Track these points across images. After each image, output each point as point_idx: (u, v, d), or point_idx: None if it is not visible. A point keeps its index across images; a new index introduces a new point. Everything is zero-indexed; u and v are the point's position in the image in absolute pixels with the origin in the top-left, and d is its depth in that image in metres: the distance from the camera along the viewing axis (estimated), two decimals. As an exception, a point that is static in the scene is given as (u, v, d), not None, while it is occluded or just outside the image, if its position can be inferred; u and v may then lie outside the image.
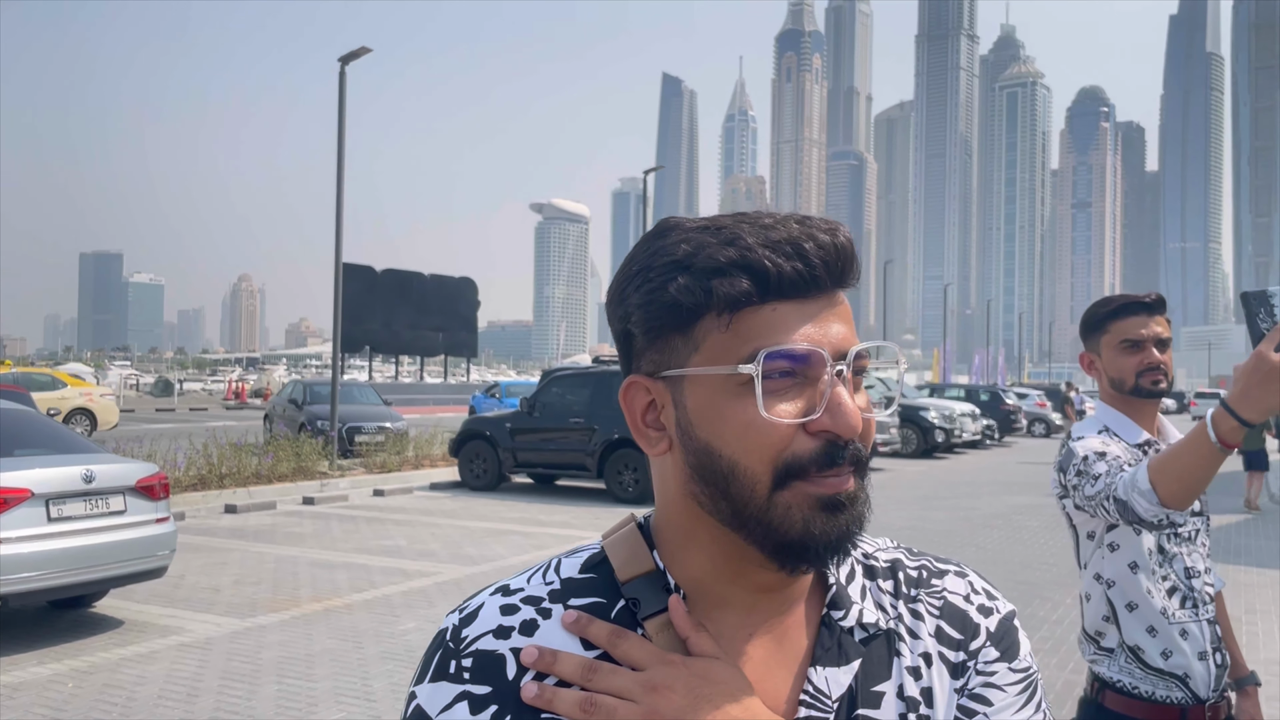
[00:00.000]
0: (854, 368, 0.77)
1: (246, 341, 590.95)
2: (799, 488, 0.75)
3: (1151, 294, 2.29)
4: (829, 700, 0.79)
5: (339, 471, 15.55)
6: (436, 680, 0.79)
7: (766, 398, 0.74)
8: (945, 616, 0.85)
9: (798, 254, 0.75)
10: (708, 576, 0.81)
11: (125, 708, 5.19)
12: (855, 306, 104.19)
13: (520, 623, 0.80)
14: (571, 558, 0.87)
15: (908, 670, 0.82)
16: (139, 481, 6.86)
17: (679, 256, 0.77)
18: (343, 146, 17.20)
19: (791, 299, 0.76)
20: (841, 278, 0.78)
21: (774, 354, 0.74)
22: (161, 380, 59.45)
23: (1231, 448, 1.77)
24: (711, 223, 0.79)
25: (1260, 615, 7.73)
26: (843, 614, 0.82)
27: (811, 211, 4.84)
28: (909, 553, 0.91)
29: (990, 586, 0.90)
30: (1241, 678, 2.35)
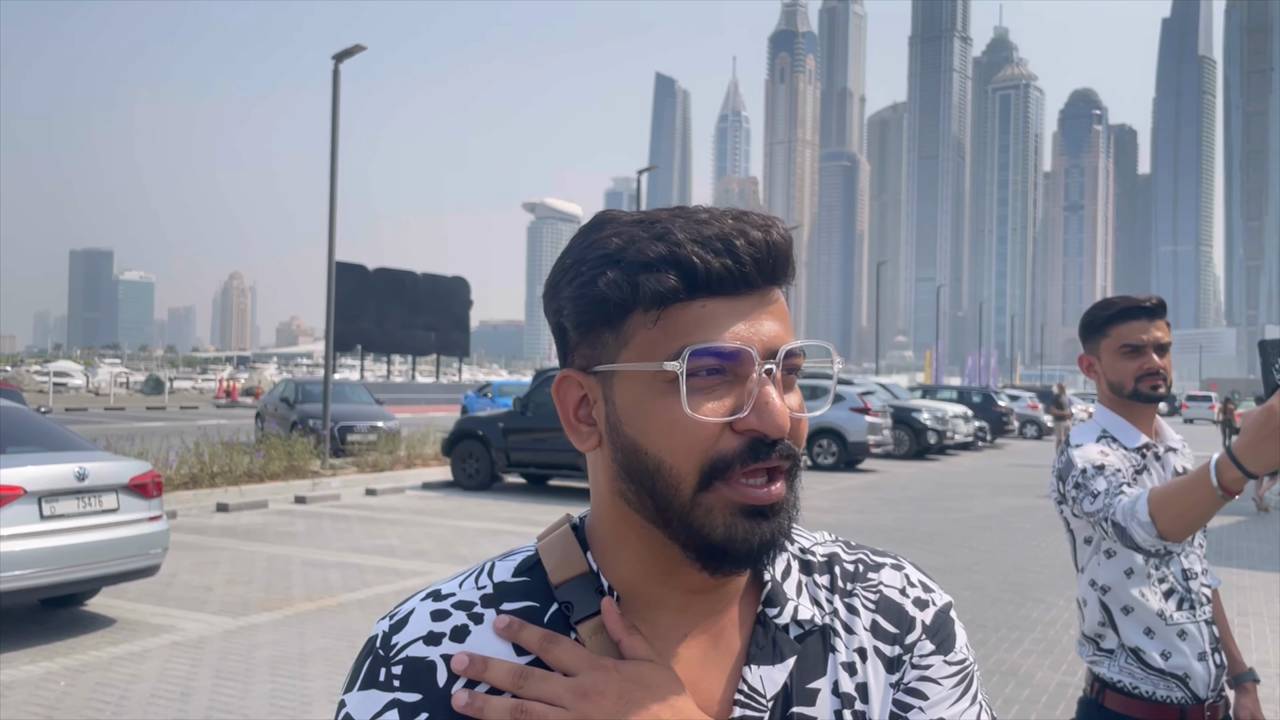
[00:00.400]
0: (786, 366, 0.76)
1: (237, 340, 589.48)
2: (722, 491, 0.74)
3: (1152, 298, 2.29)
4: (764, 699, 0.78)
5: (331, 470, 15.52)
6: (366, 688, 0.78)
7: (693, 396, 0.74)
8: (881, 610, 0.84)
9: (727, 250, 0.74)
10: (639, 577, 0.80)
11: (118, 706, 5.17)
12: (847, 308, 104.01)
13: (451, 628, 0.79)
14: (505, 560, 0.85)
15: (843, 666, 0.81)
16: (132, 480, 6.84)
17: (610, 250, 0.77)
18: (336, 144, 17.16)
19: (722, 296, 0.75)
20: (774, 275, 0.77)
21: (699, 351, 0.73)
22: (152, 378, 59.26)
23: (1233, 495, 1.78)
24: (646, 216, 0.78)
25: (1253, 617, 7.76)
26: (777, 611, 0.82)
27: (804, 213, 4.78)
28: (846, 546, 0.89)
29: (927, 579, 0.88)
30: (1240, 675, 2.35)
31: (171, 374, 69.72)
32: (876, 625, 0.83)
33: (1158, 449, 2.28)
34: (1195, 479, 1.84)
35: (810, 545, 0.88)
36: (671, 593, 0.80)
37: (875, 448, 20.62)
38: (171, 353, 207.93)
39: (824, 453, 20.18)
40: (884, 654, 0.83)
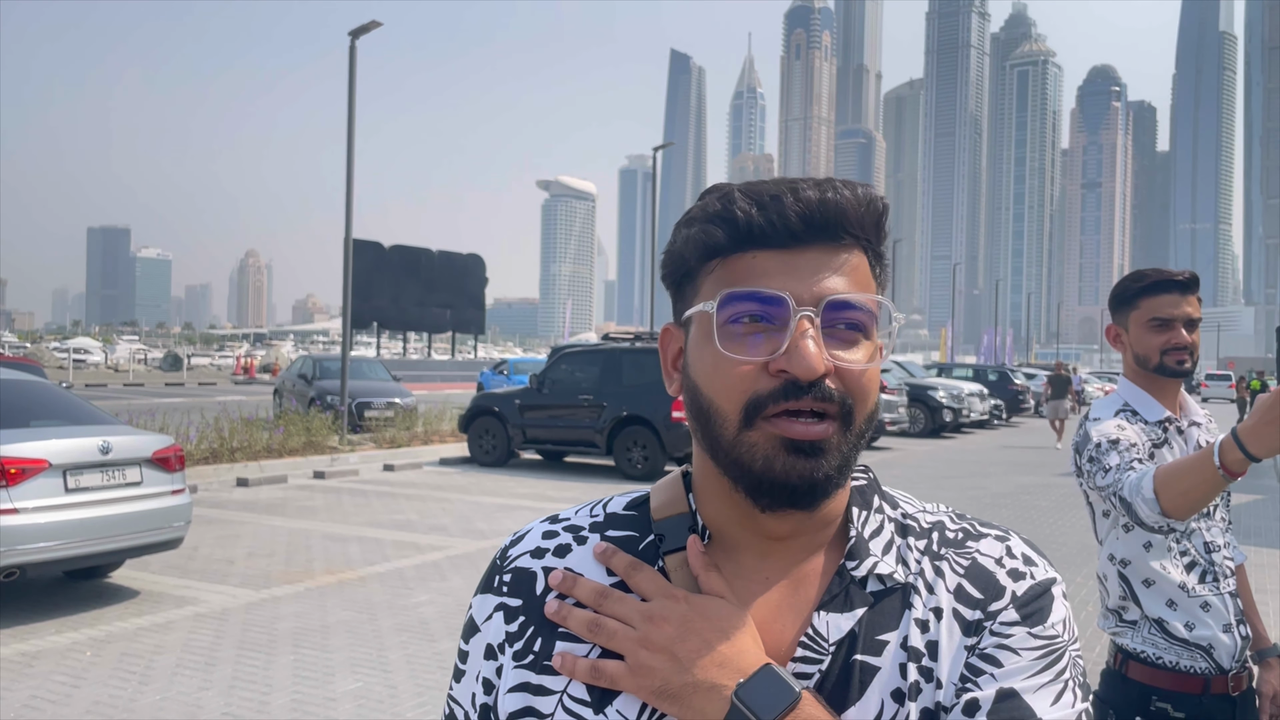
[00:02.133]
0: (846, 321, 0.80)
1: (254, 317, 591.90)
2: (763, 427, 0.79)
3: (1186, 272, 2.27)
4: (826, 644, 0.81)
5: (349, 446, 15.61)
6: (484, 592, 0.90)
7: (734, 340, 0.80)
8: (969, 575, 0.84)
9: (774, 206, 0.79)
10: (725, 520, 0.86)
11: (144, 676, 5.24)
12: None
13: (555, 546, 0.89)
14: (621, 497, 0.94)
15: (916, 622, 0.82)
16: (155, 453, 6.90)
17: (692, 214, 0.85)
18: (352, 122, 17.16)
19: (772, 249, 0.80)
20: (828, 231, 0.80)
21: (735, 295, 0.79)
22: (170, 355, 59.65)
23: (1236, 476, 1.79)
24: (740, 185, 0.84)
25: (1272, 595, 7.74)
26: (856, 564, 0.84)
27: None
28: (956, 517, 0.91)
29: (1035, 554, 0.87)
30: (1264, 650, 2.36)
31: (189, 351, 70.12)
32: (961, 589, 0.84)
33: (1180, 423, 2.28)
34: (1200, 459, 1.85)
35: (915, 512, 0.91)
36: (752, 537, 0.85)
37: (891, 425, 20.63)
38: (189, 330, 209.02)
39: (839, 430, 20.13)
40: (963, 616, 0.82)
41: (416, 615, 6.56)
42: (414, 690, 5.09)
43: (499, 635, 0.87)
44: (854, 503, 0.88)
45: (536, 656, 0.84)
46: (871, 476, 0.92)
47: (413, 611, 6.66)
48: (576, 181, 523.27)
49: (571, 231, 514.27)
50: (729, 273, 0.81)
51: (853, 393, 0.80)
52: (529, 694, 0.83)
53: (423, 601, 6.93)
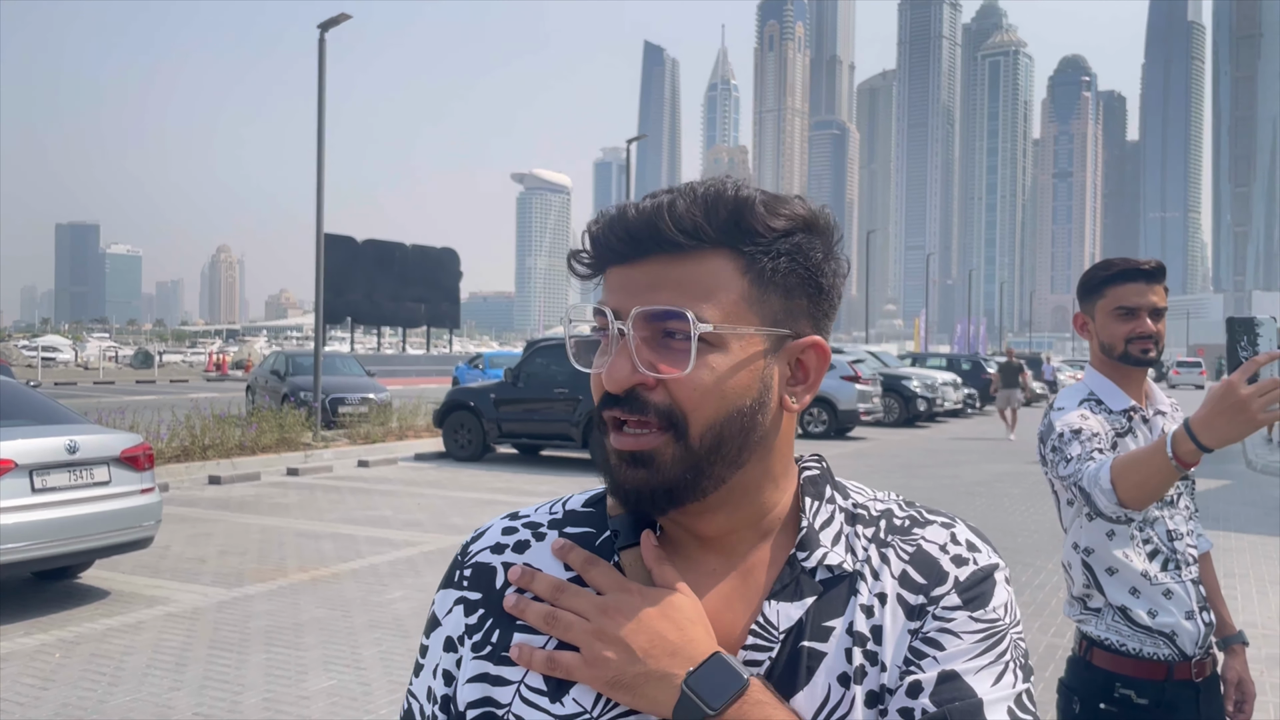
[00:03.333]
0: (671, 331, 0.81)
1: (226, 313, 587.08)
2: (611, 434, 0.84)
3: (1151, 261, 2.28)
4: (776, 632, 0.83)
5: (323, 442, 15.52)
6: (445, 587, 0.93)
7: (593, 353, 0.86)
8: (913, 562, 0.86)
9: (608, 224, 0.83)
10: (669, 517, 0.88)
11: (114, 677, 5.19)
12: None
13: (515, 542, 0.92)
14: (580, 495, 0.97)
15: (862, 608, 0.84)
16: (123, 452, 6.83)
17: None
18: (323, 115, 17.02)
19: (621, 264, 0.83)
20: (656, 243, 0.81)
21: (575, 308, 0.89)
22: (141, 352, 59.01)
23: (1189, 467, 1.81)
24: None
25: (1240, 579, 7.84)
26: (806, 555, 0.86)
27: (794, 182, 4.78)
28: (904, 505, 0.92)
29: (979, 540, 0.89)
30: (1228, 637, 2.38)
31: (160, 348, 69.42)
32: (905, 575, 0.86)
33: (1145, 412, 2.29)
34: (1153, 450, 1.87)
35: (865, 501, 0.92)
36: (687, 530, 0.88)
37: (865, 415, 20.69)
38: (160, 326, 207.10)
39: (814, 420, 20.24)
40: (906, 600, 0.84)
41: (390, 612, 6.53)
42: (388, 687, 5.07)
43: (459, 628, 0.89)
44: (806, 493, 0.90)
45: (494, 648, 0.86)
46: (824, 466, 0.94)
47: (387, 608, 6.62)
48: (551, 174, 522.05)
49: (547, 224, 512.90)
50: (604, 287, 0.86)
51: (680, 403, 0.80)
52: (487, 684, 0.85)
53: (397, 598, 6.90)
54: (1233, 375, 1.67)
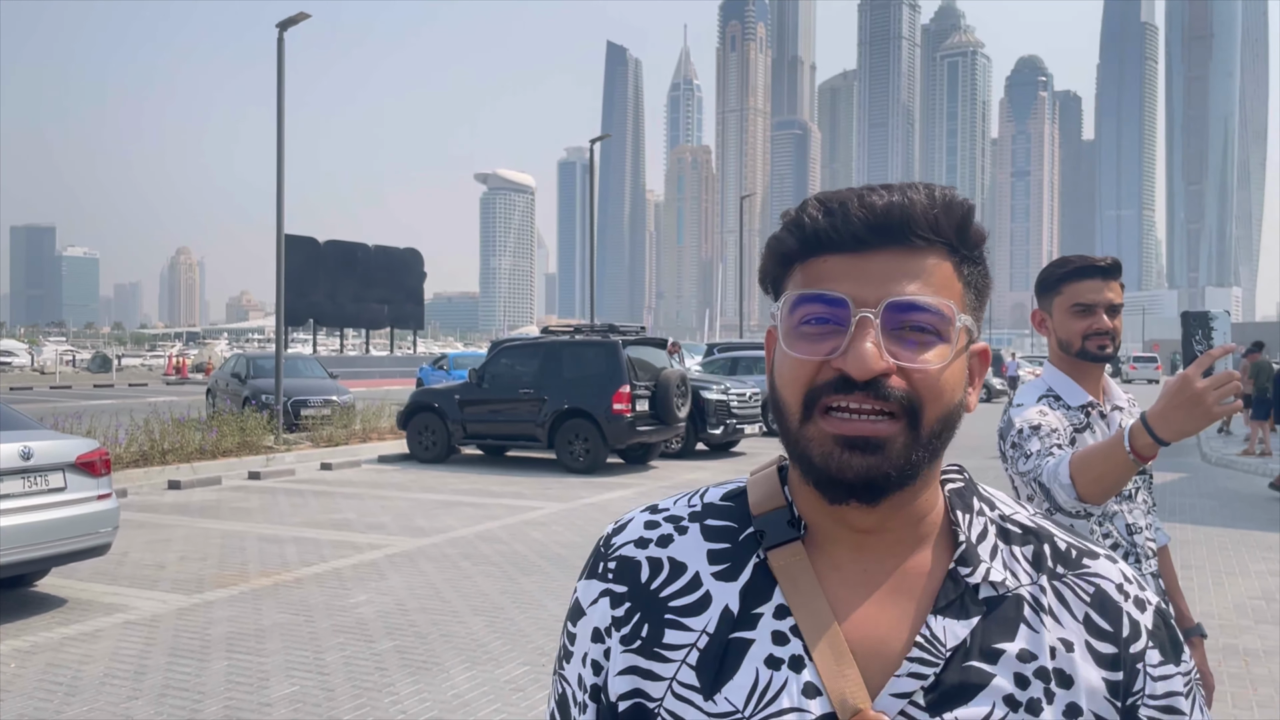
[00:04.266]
0: (913, 324, 0.82)
1: (186, 316, 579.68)
2: (819, 422, 0.82)
3: (1108, 258, 2.30)
4: (943, 648, 0.82)
5: (285, 446, 15.36)
6: (589, 578, 0.94)
7: (800, 339, 0.84)
8: (1095, 605, 0.87)
9: (840, 212, 0.83)
10: (814, 511, 0.88)
11: (71, 687, 5.10)
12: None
13: (658, 536, 0.93)
14: (718, 488, 0.97)
15: (1048, 645, 0.84)
16: (79, 458, 6.71)
17: (783, 220, 0.89)
18: (282, 115, 16.85)
19: (844, 253, 0.83)
20: (895, 236, 0.82)
21: (802, 298, 0.84)
22: (99, 356, 58.10)
23: (1146, 460, 1.83)
24: (821, 193, 0.88)
25: (1196, 570, 7.97)
26: (970, 571, 0.85)
27: (757, 181, 4.83)
28: (1059, 526, 0.93)
29: (1139, 576, 0.91)
30: (1187, 629, 2.41)
31: (119, 351, 68.43)
32: (1089, 619, 0.86)
33: (1103, 408, 2.31)
34: (1111, 445, 1.88)
35: (1012, 514, 0.93)
36: (841, 529, 0.87)
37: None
38: (119, 330, 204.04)
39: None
40: (1096, 649, 0.85)
41: (354, 616, 6.47)
42: (352, 693, 5.02)
43: (605, 619, 0.90)
44: (954, 505, 0.90)
45: (644, 642, 0.87)
46: (968, 477, 0.95)
47: (350, 612, 6.56)
48: (515, 174, 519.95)
49: (511, 225, 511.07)
50: (803, 277, 0.85)
51: (920, 394, 0.82)
52: (638, 677, 0.87)
53: (361, 602, 6.83)
54: (1188, 369, 1.68)
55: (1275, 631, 6.29)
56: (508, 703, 4.90)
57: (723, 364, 21.32)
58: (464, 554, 8.42)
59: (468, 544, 8.87)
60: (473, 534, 9.36)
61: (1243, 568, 8.14)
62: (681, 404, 14.44)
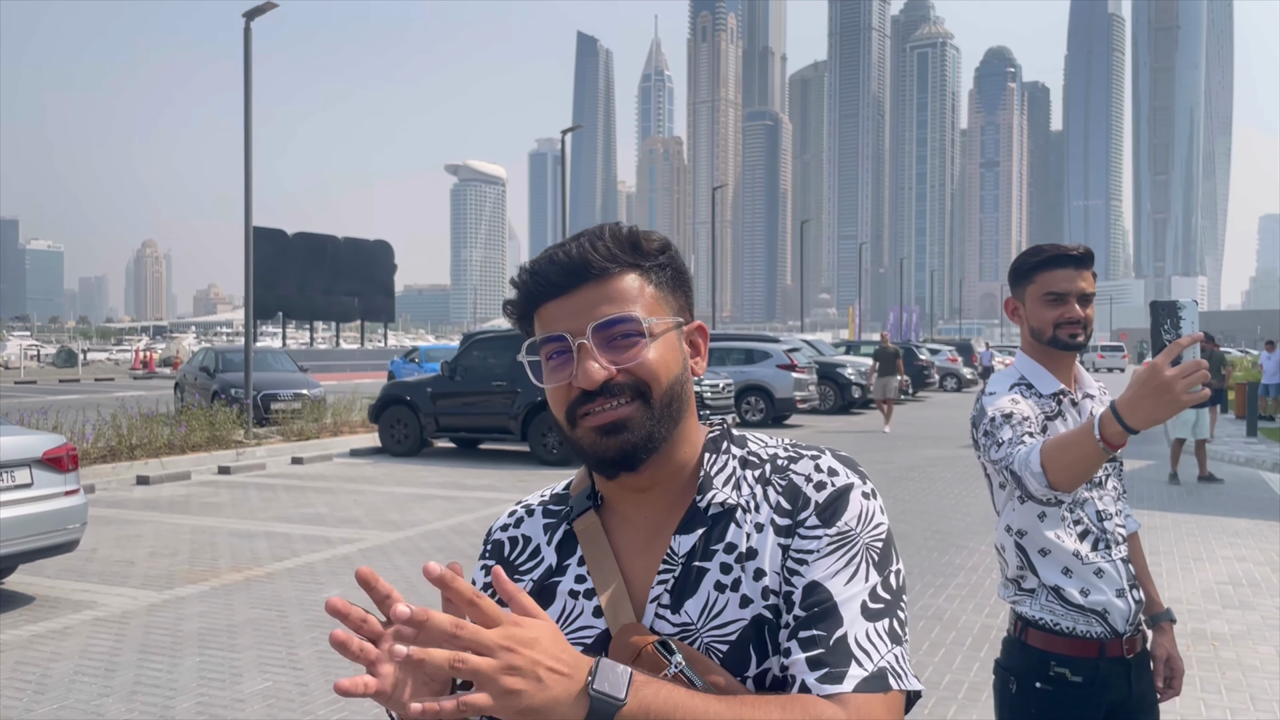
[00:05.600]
0: (618, 333, 1.06)
1: (153, 309, 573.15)
2: (582, 423, 1.07)
3: (1080, 247, 2.31)
4: (678, 556, 1.09)
5: (255, 440, 15.23)
6: (481, 559, 1.23)
7: (550, 373, 1.09)
8: (785, 493, 1.10)
9: (542, 271, 1.08)
10: (607, 485, 1.15)
11: (40, 685, 5.04)
12: (772, 266, 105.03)
13: (515, 519, 1.23)
14: (566, 482, 1.24)
15: (745, 534, 1.08)
16: (45, 453, 6.63)
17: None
18: (249, 105, 16.67)
19: (554, 299, 1.08)
20: (584, 274, 1.07)
21: (538, 342, 1.09)
22: (64, 350, 57.29)
23: (1115, 448, 1.85)
24: (536, 257, 1.11)
25: (1164, 556, 8.07)
26: (702, 497, 1.11)
27: (729, 172, 4.93)
28: (789, 447, 1.15)
29: (842, 466, 1.11)
30: (1157, 614, 2.44)
31: (85, 346, 67.57)
32: (779, 504, 1.09)
33: (1074, 396, 2.33)
34: (1081, 433, 1.90)
35: (757, 448, 1.16)
36: (625, 492, 1.14)
37: (802, 403, 20.89)
38: (84, 324, 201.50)
39: (752, 409, 20.40)
40: (777, 524, 1.08)
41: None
42: (325, 687, 5.00)
43: (481, 587, 1.17)
44: (706, 449, 1.15)
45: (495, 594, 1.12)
46: (724, 427, 1.19)
47: (323, 607, 6.51)
48: (485, 165, 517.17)
49: (482, 216, 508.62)
50: (538, 322, 1.10)
51: (644, 379, 1.06)
52: None
53: (334, 596, 6.78)
54: (1157, 358, 1.70)
55: (1242, 616, 6.39)
56: (483, 695, 4.88)
57: (695, 355, 21.30)
58: (437, 547, 8.39)
59: (441, 537, 8.84)
60: (446, 527, 9.32)
61: (1210, 553, 8.26)
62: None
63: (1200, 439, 12.34)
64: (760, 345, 21.70)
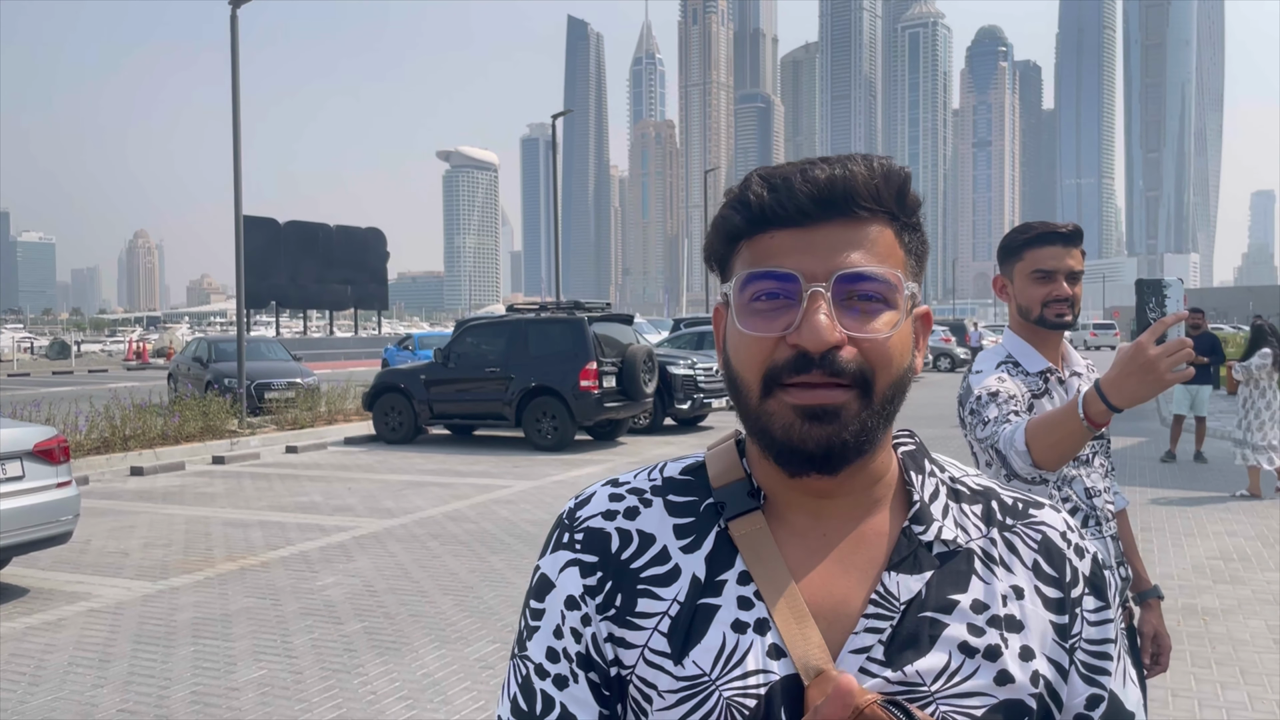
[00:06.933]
0: (861, 293, 0.83)
1: (146, 300, 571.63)
2: (780, 397, 0.83)
3: (1069, 225, 2.30)
4: (897, 602, 0.85)
5: (249, 430, 15.21)
6: (555, 551, 0.92)
7: (753, 316, 0.84)
8: (1042, 551, 0.91)
9: (785, 188, 0.84)
10: (774, 482, 0.90)
11: (34, 676, 5.04)
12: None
13: (625, 508, 0.93)
14: (676, 462, 0.98)
15: (1000, 595, 0.87)
16: (37, 445, 6.61)
17: (726, 198, 0.90)
18: (237, 94, 16.58)
19: (789, 228, 0.84)
20: (840, 207, 0.83)
21: (753, 275, 0.84)
22: (57, 342, 57.14)
23: (1100, 427, 1.85)
24: (763, 168, 0.89)
25: (1154, 532, 8.10)
26: (923, 529, 0.88)
27: (721, 155, 4.75)
28: (1002, 483, 0.98)
29: (1078, 525, 0.97)
30: (1144, 591, 2.44)
31: (78, 337, 67.38)
32: (1037, 565, 0.90)
33: (1061, 374, 2.33)
34: (1065, 411, 1.90)
35: (961, 476, 0.96)
36: (801, 496, 0.89)
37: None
38: (77, 315, 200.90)
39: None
40: (1044, 594, 0.89)
41: (322, 598, 6.44)
42: (320, 675, 5.00)
43: (578, 587, 0.89)
44: (908, 467, 0.93)
45: (619, 610, 0.87)
46: (919, 441, 0.97)
47: (318, 595, 6.53)
48: (478, 151, 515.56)
49: (474, 202, 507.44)
50: (751, 253, 0.86)
51: (872, 362, 0.83)
52: (613, 645, 0.87)
53: (329, 584, 6.80)
54: (1142, 336, 1.70)
55: (1232, 590, 6.42)
56: (477, 680, 4.91)
57: (689, 339, 21.33)
58: (432, 534, 8.40)
59: (436, 524, 8.84)
60: (441, 514, 9.33)
61: (1200, 529, 8.29)
62: (648, 379, 14.45)
63: (1200, 415, 12.35)
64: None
